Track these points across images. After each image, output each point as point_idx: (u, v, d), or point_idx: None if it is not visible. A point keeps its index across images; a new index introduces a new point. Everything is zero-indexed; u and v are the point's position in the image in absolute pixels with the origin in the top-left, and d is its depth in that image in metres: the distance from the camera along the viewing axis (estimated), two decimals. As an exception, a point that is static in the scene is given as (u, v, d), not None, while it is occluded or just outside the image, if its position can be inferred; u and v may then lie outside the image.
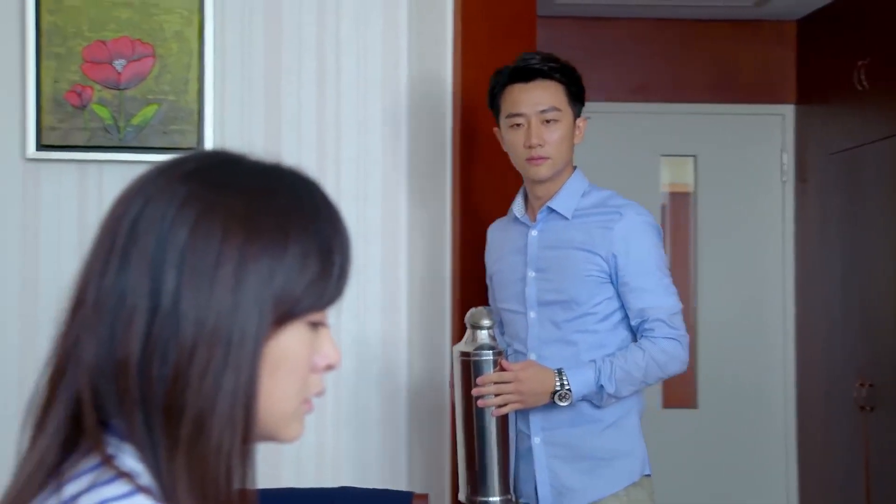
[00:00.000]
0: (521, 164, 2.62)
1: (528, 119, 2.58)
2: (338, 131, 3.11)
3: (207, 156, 1.05)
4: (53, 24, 2.93)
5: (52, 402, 1.00)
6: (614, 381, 2.50)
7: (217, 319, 0.98)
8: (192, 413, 0.97)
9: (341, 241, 1.05)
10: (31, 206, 2.96)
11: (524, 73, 2.60)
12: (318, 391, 1.07)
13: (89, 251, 1.02)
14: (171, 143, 2.99)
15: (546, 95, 2.59)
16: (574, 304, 2.57)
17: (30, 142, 2.94)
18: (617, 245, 2.55)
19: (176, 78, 3.00)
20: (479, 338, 2.50)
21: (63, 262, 2.96)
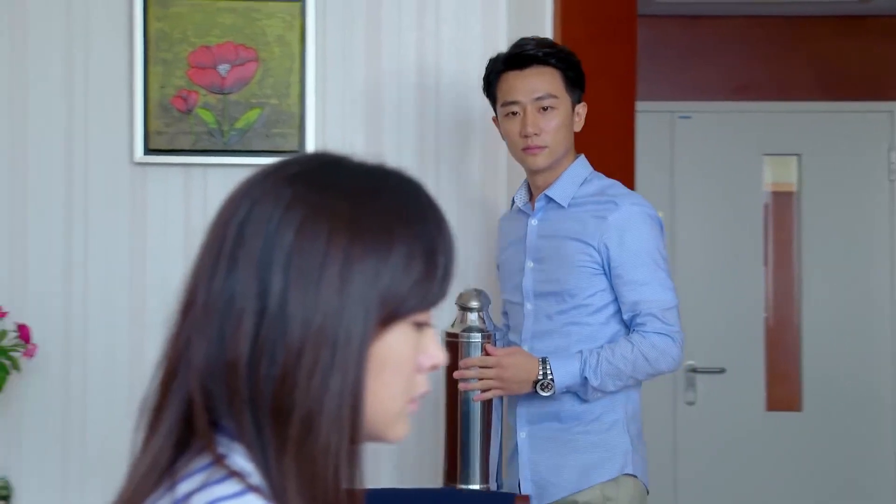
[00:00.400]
0: (518, 153, 2.56)
1: (524, 107, 2.51)
2: (437, 133, 3.12)
3: (312, 158, 1.07)
4: (160, 31, 2.99)
5: (164, 404, 1.02)
6: (600, 373, 2.42)
7: (323, 320, 0.99)
8: (300, 413, 0.98)
9: (445, 241, 1.06)
10: (138, 209, 3.02)
11: (519, 60, 2.53)
12: (422, 391, 1.07)
13: (198, 253, 1.04)
14: (273, 147, 3.03)
15: (542, 82, 2.52)
16: (567, 296, 2.50)
17: (137, 146, 3.00)
18: (610, 235, 2.47)
19: (278, 82, 3.04)
20: (467, 319, 2.44)
21: (169, 264, 3.02)
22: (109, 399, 2.98)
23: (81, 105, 3.01)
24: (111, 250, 3.02)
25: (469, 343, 2.43)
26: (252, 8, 3.02)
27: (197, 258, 1.04)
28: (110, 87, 3.01)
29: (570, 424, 2.51)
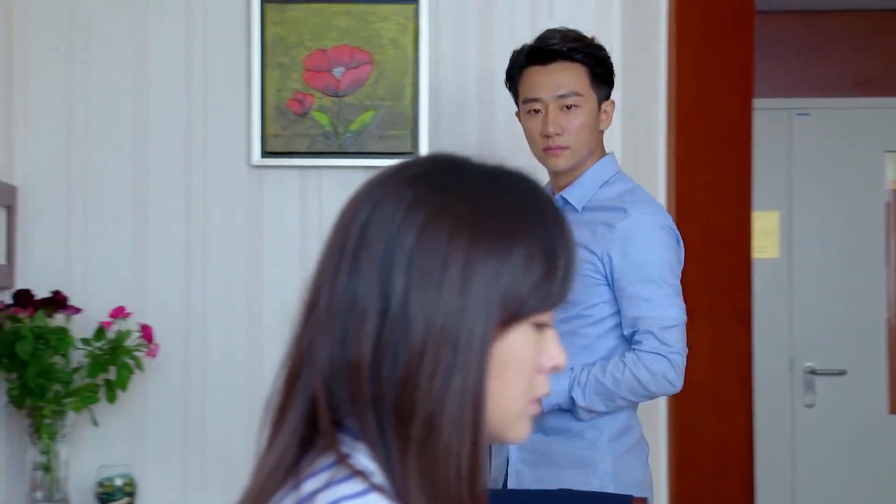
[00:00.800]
0: (538, 153, 2.44)
1: (546, 105, 2.40)
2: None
3: (432, 159, 1.07)
4: (277, 35, 3.04)
5: (288, 403, 1.03)
6: (588, 393, 2.31)
7: (445, 321, 0.99)
8: (422, 413, 0.98)
9: (566, 242, 1.05)
10: (255, 211, 3.07)
11: (542, 55, 2.41)
12: (543, 392, 1.07)
13: (321, 255, 1.05)
14: (387, 148, 3.05)
15: (566, 79, 2.40)
16: (568, 304, 2.41)
17: (255, 149, 3.05)
18: (615, 245, 2.34)
19: (392, 84, 3.06)
20: None
21: (286, 265, 3.06)
22: (228, 398, 3.04)
23: (200, 109, 3.07)
24: (229, 252, 3.07)
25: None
26: (367, 11, 3.05)
27: (320, 260, 1.05)
28: (228, 92, 3.07)
29: (554, 438, 2.39)
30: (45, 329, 2.79)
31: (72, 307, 2.89)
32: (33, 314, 2.82)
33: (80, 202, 3.05)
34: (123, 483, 2.86)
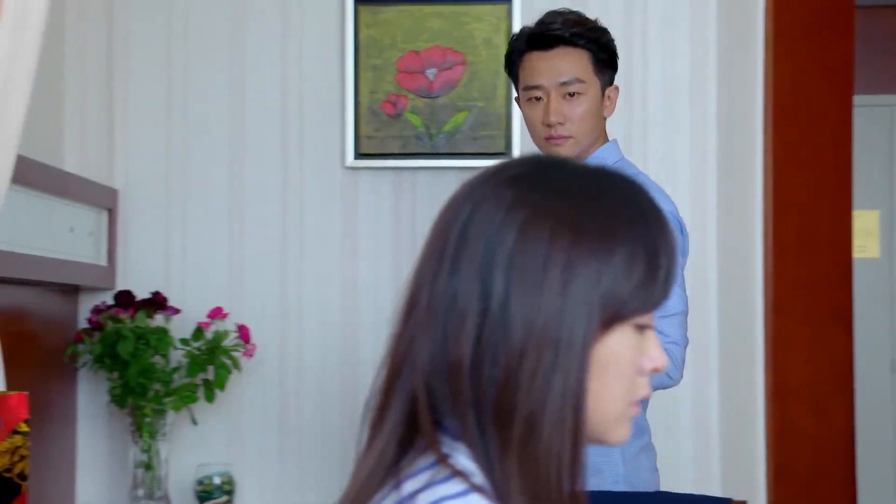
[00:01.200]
0: (540, 142, 2.33)
1: (548, 92, 2.28)
2: (644, 132, 3.08)
3: (533, 160, 1.07)
4: (370, 37, 3.06)
5: (388, 403, 1.03)
6: None
7: (546, 322, 0.99)
8: (522, 414, 0.98)
9: (667, 244, 1.04)
10: (350, 212, 3.10)
11: (544, 40, 2.29)
12: (644, 394, 1.06)
13: (421, 255, 1.05)
14: (480, 149, 3.05)
15: (568, 65, 2.28)
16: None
17: (348, 151, 3.07)
18: None
19: (485, 84, 3.06)
20: None
21: (380, 265, 3.08)
22: (324, 397, 3.06)
23: (295, 112, 3.10)
24: (324, 253, 3.10)
25: None
26: (460, 11, 3.06)
27: (420, 259, 1.05)
28: (322, 94, 3.10)
29: None
30: (145, 329, 2.85)
31: (171, 308, 2.94)
32: (134, 315, 2.87)
33: (179, 204, 3.10)
34: (222, 481, 2.90)
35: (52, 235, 2.70)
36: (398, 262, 3.07)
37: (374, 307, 3.06)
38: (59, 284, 2.85)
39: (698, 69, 3.07)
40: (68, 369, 2.98)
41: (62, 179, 2.78)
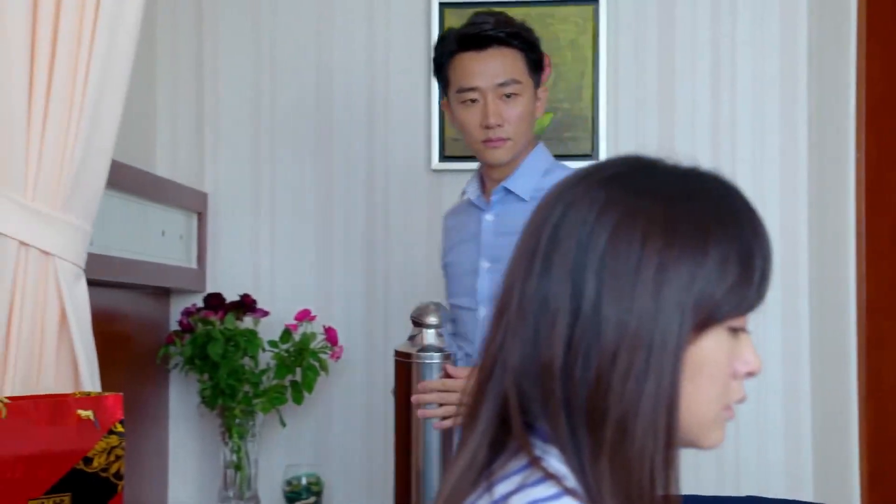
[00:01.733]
0: (477, 146, 2.26)
1: (484, 94, 2.22)
2: (733, 133, 3.05)
3: (625, 161, 1.06)
4: (455, 40, 3.06)
5: (480, 404, 1.03)
6: None
7: (638, 324, 0.98)
8: (614, 417, 0.97)
9: (762, 245, 1.03)
10: (435, 215, 3.10)
11: (477, 40, 2.22)
12: (739, 398, 1.05)
13: (513, 256, 1.05)
14: (565, 150, 3.04)
15: (504, 66, 2.23)
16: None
17: (434, 153, 3.08)
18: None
19: (570, 86, 3.05)
20: (423, 337, 2.14)
21: (466, 268, 3.08)
22: (410, 399, 3.07)
23: (381, 115, 3.12)
24: (410, 255, 3.11)
25: (426, 365, 2.11)
26: (545, 13, 3.05)
27: (511, 261, 1.05)
28: (408, 97, 3.11)
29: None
30: (234, 331, 2.88)
31: (260, 310, 2.97)
32: (223, 317, 2.91)
33: (267, 208, 3.14)
34: (310, 482, 2.93)
35: (145, 239, 2.75)
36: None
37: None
38: (152, 287, 2.90)
39: (788, 67, 3.03)
40: (160, 370, 3.03)
41: (154, 183, 2.82)
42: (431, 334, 2.14)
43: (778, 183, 3.03)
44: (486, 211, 2.30)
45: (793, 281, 3.00)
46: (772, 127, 3.03)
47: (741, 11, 3.04)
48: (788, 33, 3.02)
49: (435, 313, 2.15)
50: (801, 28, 3.01)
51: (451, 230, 2.44)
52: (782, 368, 3.01)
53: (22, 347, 1.85)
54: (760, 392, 2.98)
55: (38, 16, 1.84)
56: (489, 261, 2.28)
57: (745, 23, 3.04)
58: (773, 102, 3.03)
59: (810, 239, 3.01)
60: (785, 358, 3.01)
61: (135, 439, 2.75)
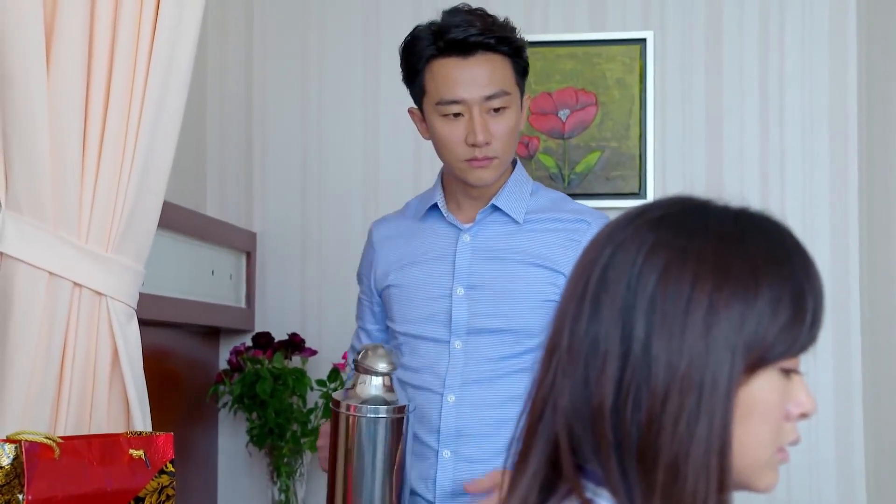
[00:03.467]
0: (459, 165, 1.99)
1: (470, 107, 1.95)
2: (782, 170, 3.03)
3: (674, 202, 1.06)
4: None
5: (530, 446, 1.03)
6: None
7: (689, 365, 0.97)
8: (666, 459, 0.97)
9: (814, 286, 1.02)
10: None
11: (462, 46, 1.95)
12: (792, 440, 1.04)
13: (562, 297, 1.05)
14: (613, 189, 3.04)
15: (492, 76, 1.96)
16: (523, 336, 1.98)
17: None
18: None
19: (618, 124, 3.05)
20: (369, 386, 1.82)
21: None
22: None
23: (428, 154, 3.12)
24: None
25: (372, 420, 1.80)
26: (592, 53, 3.06)
27: (561, 302, 1.05)
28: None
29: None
30: (283, 370, 2.90)
31: (308, 349, 2.98)
32: (272, 356, 2.92)
33: (315, 247, 3.16)
34: (358, 522, 2.92)
35: (195, 278, 2.78)
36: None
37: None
38: (202, 326, 2.92)
39: (837, 102, 3.01)
40: (210, 409, 3.05)
41: (204, 224, 2.85)
42: (379, 383, 1.83)
43: (828, 219, 3.00)
44: (465, 230, 2.05)
45: (844, 319, 2.97)
46: (821, 163, 3.01)
47: (789, 46, 3.03)
48: (837, 67, 3.01)
49: (386, 358, 1.83)
50: (850, 62, 3.00)
51: (387, 244, 2.12)
52: (834, 408, 2.97)
53: (75, 387, 1.87)
54: (811, 433, 2.95)
55: (93, 61, 1.87)
56: (465, 287, 2.02)
57: (794, 58, 3.03)
58: (822, 138, 3.02)
59: (861, 276, 2.98)
60: (837, 398, 2.97)
61: (185, 478, 2.77)
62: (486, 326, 2.00)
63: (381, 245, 2.13)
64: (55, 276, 1.85)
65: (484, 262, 2.02)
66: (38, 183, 1.83)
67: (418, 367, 2.04)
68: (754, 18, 3.04)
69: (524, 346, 2.00)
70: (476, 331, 2.00)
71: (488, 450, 1.99)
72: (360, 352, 1.85)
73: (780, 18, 3.04)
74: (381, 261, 2.11)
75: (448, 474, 2.00)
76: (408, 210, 2.16)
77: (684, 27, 3.05)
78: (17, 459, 1.57)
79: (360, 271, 2.19)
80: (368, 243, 2.17)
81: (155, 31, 1.89)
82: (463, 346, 2.01)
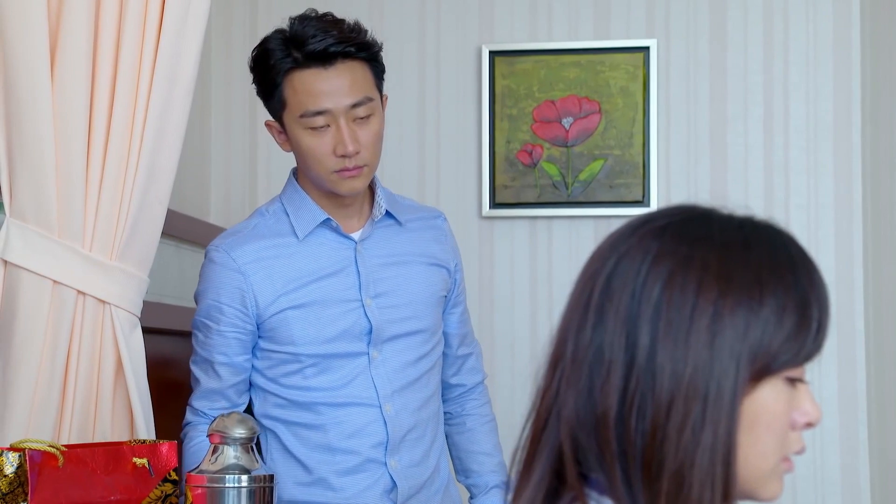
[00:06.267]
0: (328, 176, 1.95)
1: (335, 117, 1.92)
2: (786, 178, 3.03)
3: (678, 211, 1.06)
4: (507, 88, 3.08)
5: (534, 455, 1.03)
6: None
7: (693, 374, 0.97)
8: (670, 468, 0.96)
9: (819, 294, 1.02)
10: (486, 262, 3.11)
11: (321, 56, 1.91)
12: (797, 449, 1.04)
13: (566, 307, 1.05)
14: (616, 197, 3.03)
15: (354, 84, 1.93)
16: (429, 335, 2.05)
17: (485, 201, 3.09)
18: (455, 257, 2.14)
19: (621, 132, 3.05)
20: (226, 456, 1.72)
21: (516, 314, 3.07)
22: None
23: (433, 161, 3.14)
24: (462, 302, 3.11)
25: (231, 491, 1.70)
26: (596, 61, 3.06)
27: (565, 311, 1.05)
28: (459, 144, 3.12)
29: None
30: (287, 378, 2.89)
31: (312, 357, 2.97)
32: (276, 364, 2.92)
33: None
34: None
35: (198, 287, 2.77)
36: (535, 312, 3.06)
37: (510, 356, 3.06)
38: (205, 334, 2.91)
39: (842, 112, 3.01)
40: (213, 418, 3.04)
41: (208, 232, 2.85)
42: (237, 452, 1.73)
43: (833, 229, 3.00)
44: (358, 240, 2.03)
45: (849, 328, 2.96)
46: (825, 172, 3.01)
47: (793, 56, 3.03)
48: (842, 77, 3.01)
49: (242, 424, 1.74)
50: (854, 72, 3.00)
51: (261, 266, 1.99)
52: (839, 418, 2.96)
53: (79, 395, 1.87)
54: (816, 442, 2.94)
55: (97, 69, 1.88)
56: (372, 296, 2.01)
57: (798, 67, 3.03)
58: (826, 147, 3.01)
59: (865, 285, 2.98)
60: (841, 407, 2.97)
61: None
62: (399, 332, 2.01)
63: (251, 270, 1.99)
64: (59, 284, 1.85)
65: (386, 269, 2.03)
66: (42, 191, 1.83)
67: (337, 384, 1.99)
68: (759, 28, 3.04)
69: (430, 345, 2.05)
70: (391, 337, 2.01)
71: (422, 450, 2.04)
72: (217, 421, 1.75)
73: (785, 28, 3.04)
74: (260, 287, 1.98)
75: (405, 481, 2.02)
76: (261, 229, 2.04)
77: (688, 36, 3.05)
78: (20, 468, 1.57)
79: (214, 302, 2.00)
80: (228, 268, 2.00)
81: (159, 40, 1.90)
82: (380, 354, 2.00)
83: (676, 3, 3.06)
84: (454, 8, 3.13)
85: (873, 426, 2.95)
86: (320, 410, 1.98)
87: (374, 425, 2.00)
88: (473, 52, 3.12)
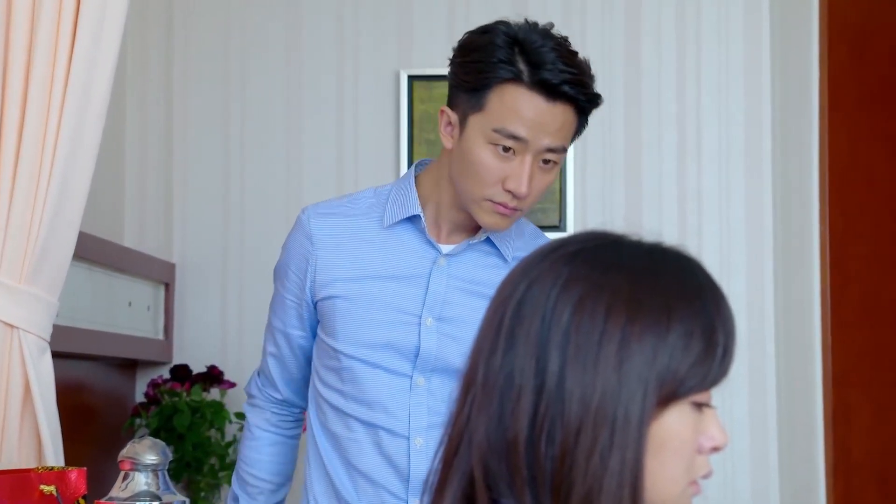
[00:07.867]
0: (478, 200, 1.74)
1: (526, 150, 1.71)
2: (699, 204, 3.07)
3: (590, 237, 1.07)
4: (425, 112, 3.09)
5: (446, 481, 1.03)
6: None
7: (601, 399, 0.98)
8: (579, 493, 0.97)
9: (725, 321, 1.03)
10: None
11: (552, 90, 1.71)
12: (705, 473, 1.05)
13: (478, 332, 1.06)
14: (534, 221, 3.03)
15: (563, 129, 1.73)
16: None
17: (403, 224, 3.09)
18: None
19: (538, 158, 3.07)
20: (137, 483, 1.69)
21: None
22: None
23: (351, 185, 3.13)
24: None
25: None
26: (513, 87, 3.08)
27: (477, 337, 1.05)
28: (378, 169, 3.12)
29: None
30: (201, 403, 2.86)
31: (227, 382, 2.95)
32: (189, 389, 2.89)
33: (235, 278, 3.13)
34: (276, 556, 2.88)
35: (111, 310, 2.74)
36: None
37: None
38: (118, 359, 2.88)
39: (753, 139, 3.07)
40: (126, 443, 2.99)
41: (121, 254, 2.81)
42: (148, 479, 1.69)
43: (744, 255, 3.05)
44: (443, 253, 1.81)
45: (759, 353, 3.01)
46: (737, 197, 3.06)
47: (706, 83, 3.08)
48: (753, 104, 3.06)
49: (153, 450, 1.69)
50: (765, 99, 3.06)
51: (335, 243, 1.84)
52: (750, 441, 3.01)
53: (-16, 421, 1.83)
54: (727, 465, 2.98)
55: (7, 89, 1.84)
56: (435, 318, 1.79)
57: (711, 94, 3.08)
58: (738, 173, 3.06)
59: (776, 310, 3.03)
60: (752, 430, 3.01)
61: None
62: (450, 364, 1.76)
63: (323, 244, 1.83)
64: (-35, 307, 1.81)
65: (459, 294, 1.79)
66: (-52, 212, 1.79)
67: (368, 400, 1.80)
68: (672, 54, 3.09)
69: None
70: (441, 368, 1.77)
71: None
72: (129, 446, 1.70)
73: (697, 54, 3.09)
74: (324, 264, 1.82)
75: None
76: (357, 205, 1.86)
77: (603, 61, 3.08)
78: (-79, 496, 1.53)
79: (285, 263, 1.88)
80: (303, 233, 1.86)
81: (71, 61, 1.87)
82: (426, 383, 1.78)
83: (591, 29, 3.09)
84: (372, 32, 3.13)
85: (784, 448, 2.99)
86: (353, 427, 1.81)
87: (399, 458, 1.79)
88: (392, 76, 3.12)
